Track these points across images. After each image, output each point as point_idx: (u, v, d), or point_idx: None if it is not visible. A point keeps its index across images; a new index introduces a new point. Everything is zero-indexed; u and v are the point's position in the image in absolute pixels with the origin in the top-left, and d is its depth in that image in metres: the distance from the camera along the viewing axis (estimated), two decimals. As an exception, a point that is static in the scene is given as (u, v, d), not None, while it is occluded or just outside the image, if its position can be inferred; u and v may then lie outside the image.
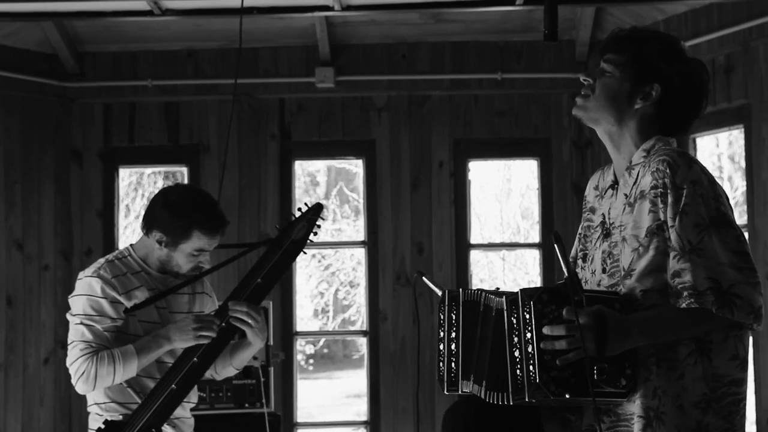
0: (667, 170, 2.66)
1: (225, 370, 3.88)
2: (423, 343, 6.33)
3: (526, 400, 2.61)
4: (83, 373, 3.57)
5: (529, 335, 2.60)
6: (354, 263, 14.41)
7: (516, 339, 2.63)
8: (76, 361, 3.59)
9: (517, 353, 2.62)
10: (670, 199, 2.65)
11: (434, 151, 6.95)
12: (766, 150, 5.85)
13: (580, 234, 2.99)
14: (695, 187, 2.66)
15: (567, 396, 2.60)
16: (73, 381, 3.62)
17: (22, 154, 6.80)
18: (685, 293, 2.62)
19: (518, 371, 2.62)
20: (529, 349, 2.59)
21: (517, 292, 2.64)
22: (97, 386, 3.60)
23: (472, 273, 7.03)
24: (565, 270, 2.60)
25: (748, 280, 2.63)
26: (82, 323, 3.63)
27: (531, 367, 2.59)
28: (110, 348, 3.60)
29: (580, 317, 2.56)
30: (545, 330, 2.59)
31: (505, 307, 2.67)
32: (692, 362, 2.65)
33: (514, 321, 2.64)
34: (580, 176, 6.83)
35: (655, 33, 2.91)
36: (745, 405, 2.73)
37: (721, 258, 2.63)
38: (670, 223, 2.65)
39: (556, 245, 2.60)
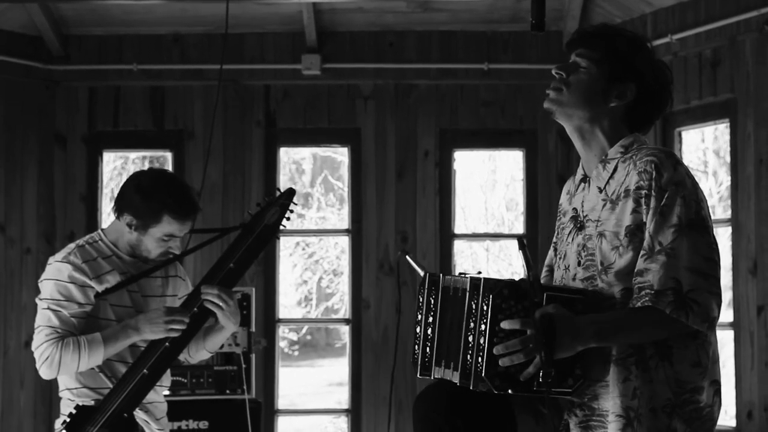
0: (654, 172, 2.66)
1: (198, 353, 3.87)
2: (408, 328, 6.32)
3: (470, 388, 2.63)
4: (47, 358, 3.57)
5: (483, 327, 2.61)
6: (338, 251, 14.38)
7: (472, 324, 2.64)
8: (41, 346, 3.58)
9: (470, 338, 2.64)
10: (652, 203, 2.65)
11: (420, 140, 6.94)
12: (751, 144, 5.85)
13: (554, 243, 3.00)
14: (678, 189, 2.66)
15: (510, 391, 2.62)
16: (37, 365, 3.61)
17: (5, 137, 6.75)
18: (643, 292, 2.62)
19: (468, 357, 2.63)
20: (481, 341, 2.61)
21: (481, 279, 2.65)
22: (60, 372, 3.59)
23: (455, 263, 7.03)
24: (527, 274, 2.59)
25: (710, 289, 2.62)
26: (49, 308, 3.63)
27: (479, 359, 2.60)
28: (76, 335, 3.58)
29: (528, 323, 2.57)
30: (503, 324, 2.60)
31: (467, 288, 2.67)
32: (654, 365, 2.65)
33: (474, 306, 2.65)
34: (566, 168, 6.83)
35: (624, 30, 2.92)
36: (710, 413, 2.71)
37: (690, 261, 2.62)
38: (647, 225, 2.65)
39: (520, 251, 2.60)
